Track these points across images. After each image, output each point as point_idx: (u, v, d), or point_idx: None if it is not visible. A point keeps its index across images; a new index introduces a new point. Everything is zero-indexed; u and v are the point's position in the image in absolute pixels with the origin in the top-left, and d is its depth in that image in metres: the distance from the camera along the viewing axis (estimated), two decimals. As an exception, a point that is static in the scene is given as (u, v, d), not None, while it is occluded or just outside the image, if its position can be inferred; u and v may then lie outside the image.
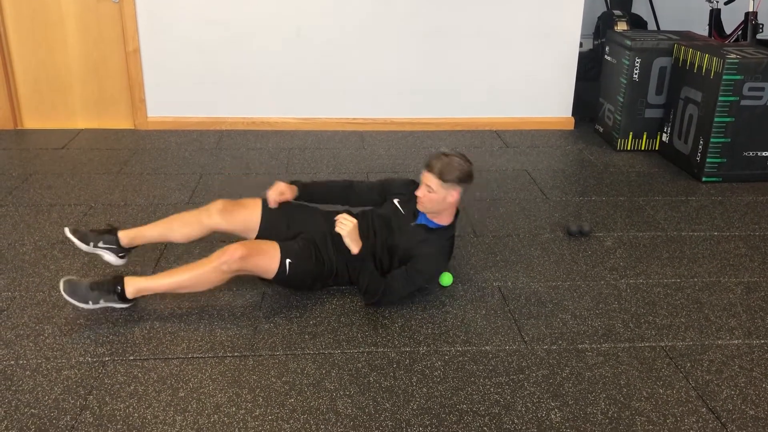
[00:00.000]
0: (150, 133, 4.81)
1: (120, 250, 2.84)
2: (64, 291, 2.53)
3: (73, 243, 2.80)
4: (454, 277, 2.92)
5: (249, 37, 4.75)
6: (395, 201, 2.89)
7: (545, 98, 5.07)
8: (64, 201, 3.65)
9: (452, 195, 2.68)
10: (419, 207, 2.74)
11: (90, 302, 2.57)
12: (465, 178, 2.67)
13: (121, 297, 2.59)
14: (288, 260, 2.63)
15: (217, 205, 2.84)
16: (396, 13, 4.77)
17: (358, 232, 2.69)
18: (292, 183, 2.91)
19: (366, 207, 2.99)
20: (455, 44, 4.86)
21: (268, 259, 2.61)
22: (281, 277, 2.65)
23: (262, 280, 2.79)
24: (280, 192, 2.84)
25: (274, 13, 4.70)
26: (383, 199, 2.97)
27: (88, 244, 2.80)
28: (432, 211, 2.73)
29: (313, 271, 2.71)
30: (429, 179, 2.65)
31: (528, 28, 4.86)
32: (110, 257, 2.82)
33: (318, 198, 2.97)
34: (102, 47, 4.71)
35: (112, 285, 2.57)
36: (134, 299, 2.66)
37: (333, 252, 2.75)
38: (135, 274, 2.88)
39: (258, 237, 2.83)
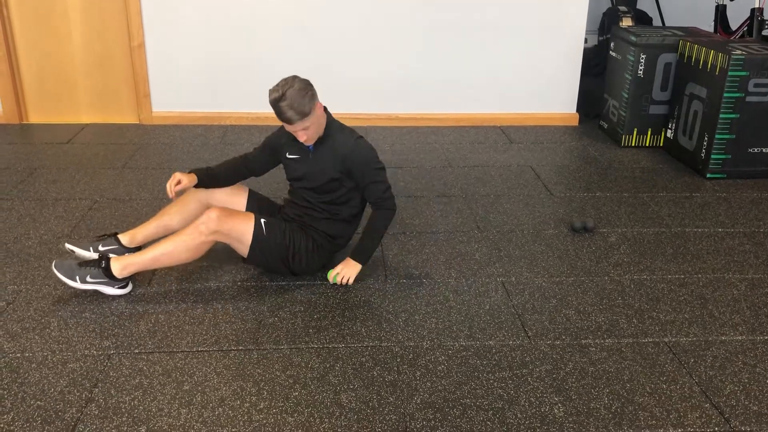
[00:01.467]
0: (155, 128, 4.82)
1: (123, 250, 2.87)
2: (55, 267, 2.65)
3: (73, 252, 2.86)
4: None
5: (253, 32, 4.75)
6: (288, 156, 2.88)
7: (550, 94, 5.07)
8: (69, 195, 3.66)
9: (317, 111, 2.65)
10: (310, 143, 2.74)
11: (77, 279, 2.64)
12: (312, 93, 2.61)
13: (108, 274, 2.63)
14: (263, 220, 2.72)
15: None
16: (400, 8, 4.76)
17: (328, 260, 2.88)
18: (190, 172, 2.89)
19: (269, 171, 3.04)
20: (459, 40, 4.86)
21: (243, 218, 2.69)
22: (259, 238, 2.69)
23: (244, 260, 2.84)
24: (177, 181, 2.81)
25: (278, 8, 4.70)
26: (276, 156, 2.96)
27: (87, 249, 2.86)
28: (319, 135, 2.74)
29: (289, 236, 2.75)
30: (297, 126, 2.62)
31: (533, 23, 4.86)
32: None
33: (222, 180, 2.96)
34: (107, 42, 4.72)
35: (99, 261, 2.66)
36: (125, 282, 2.70)
37: (308, 232, 2.83)
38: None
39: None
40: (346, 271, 2.81)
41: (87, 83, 4.82)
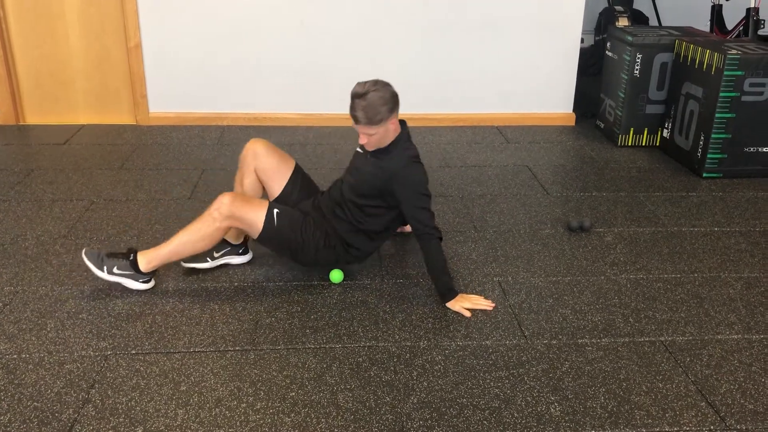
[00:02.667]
0: (152, 129, 4.82)
1: (235, 249, 2.95)
2: (85, 255, 2.69)
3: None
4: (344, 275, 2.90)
5: (251, 32, 4.75)
6: (357, 149, 2.89)
7: (546, 94, 5.07)
8: (66, 196, 3.66)
9: (391, 123, 2.63)
10: (368, 149, 2.71)
11: (105, 269, 2.69)
12: (393, 106, 2.59)
13: (135, 267, 2.69)
14: (276, 210, 2.70)
15: (254, 143, 2.94)
16: (397, 8, 4.77)
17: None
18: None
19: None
20: (456, 40, 4.87)
21: (256, 206, 2.69)
22: (270, 228, 2.68)
23: (255, 240, 2.81)
24: None
25: (275, 8, 4.70)
26: None
27: (205, 260, 2.94)
28: (382, 145, 2.70)
29: (300, 229, 2.74)
30: (363, 130, 2.60)
31: (529, 23, 4.86)
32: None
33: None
34: (104, 43, 4.72)
35: (127, 253, 2.72)
36: (149, 277, 2.74)
37: (323, 225, 2.80)
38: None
39: (281, 193, 2.93)
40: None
41: (84, 84, 4.82)
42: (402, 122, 2.75)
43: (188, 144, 4.53)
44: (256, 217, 2.68)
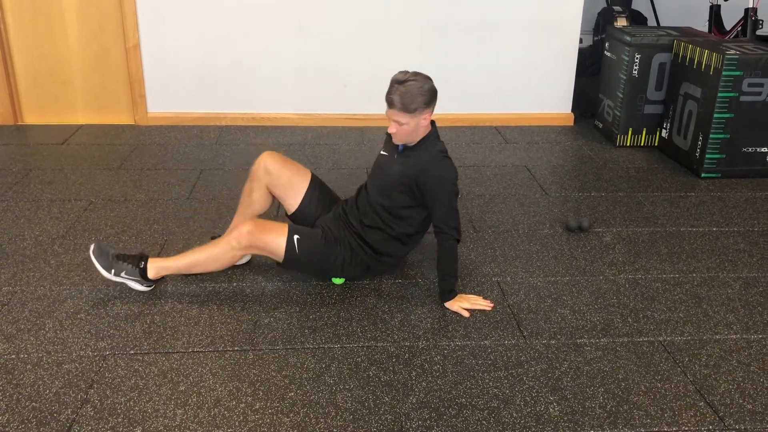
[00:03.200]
0: (150, 129, 4.82)
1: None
2: (93, 252, 2.66)
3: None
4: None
5: (249, 32, 4.75)
6: (380, 153, 2.85)
7: (545, 94, 5.08)
8: (65, 196, 3.66)
9: (424, 118, 2.59)
10: (396, 141, 2.66)
11: (112, 271, 2.66)
12: (430, 99, 2.56)
13: (143, 274, 2.66)
14: (296, 236, 2.65)
15: (266, 159, 2.87)
16: (395, 9, 4.77)
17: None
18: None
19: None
20: (455, 40, 4.87)
21: (276, 235, 2.63)
22: (292, 255, 2.65)
23: (279, 265, 2.79)
24: None
25: (274, 8, 4.70)
26: None
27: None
28: (410, 141, 2.66)
29: (322, 251, 2.70)
30: (395, 115, 2.55)
31: (528, 24, 4.87)
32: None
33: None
34: (102, 43, 4.71)
35: (137, 260, 2.68)
36: (153, 282, 2.72)
37: (348, 239, 2.75)
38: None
39: (299, 207, 2.87)
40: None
41: (82, 84, 4.81)
42: (431, 122, 2.71)
43: (187, 144, 4.53)
44: (276, 246, 2.64)
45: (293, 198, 2.87)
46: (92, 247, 2.68)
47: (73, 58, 4.74)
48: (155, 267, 2.69)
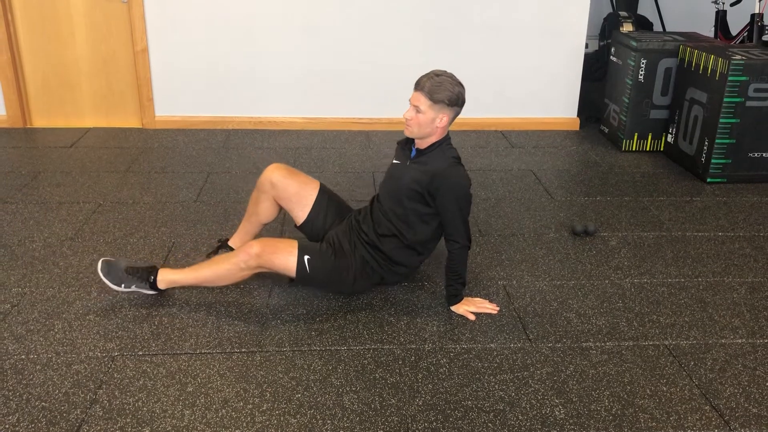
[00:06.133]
0: (158, 132, 4.85)
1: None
2: (101, 270, 2.68)
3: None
4: None
5: (256, 37, 4.78)
6: (392, 162, 2.82)
7: (551, 99, 5.09)
8: (73, 199, 3.68)
9: (441, 118, 2.57)
10: (407, 132, 2.64)
11: (123, 285, 2.69)
12: (455, 101, 2.54)
13: (152, 286, 2.70)
14: (306, 257, 2.62)
15: (272, 172, 2.86)
16: (401, 13, 4.79)
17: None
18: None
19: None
20: (461, 45, 4.89)
21: (286, 256, 2.60)
22: (303, 275, 2.64)
23: (292, 280, 2.76)
24: None
25: (281, 13, 4.73)
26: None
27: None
28: (420, 135, 2.61)
29: (333, 268, 2.67)
30: (418, 99, 2.54)
31: (534, 28, 4.88)
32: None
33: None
34: (110, 47, 4.75)
35: (147, 273, 2.70)
36: (162, 290, 2.74)
37: (360, 251, 2.73)
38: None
39: (307, 219, 2.85)
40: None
41: (90, 87, 4.85)
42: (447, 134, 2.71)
43: (194, 147, 4.56)
44: (286, 266, 2.62)
45: (301, 210, 2.86)
46: (100, 265, 2.68)
47: (81, 61, 4.77)
48: (165, 281, 2.70)
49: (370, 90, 4.96)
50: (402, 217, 2.69)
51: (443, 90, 2.52)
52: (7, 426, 2.06)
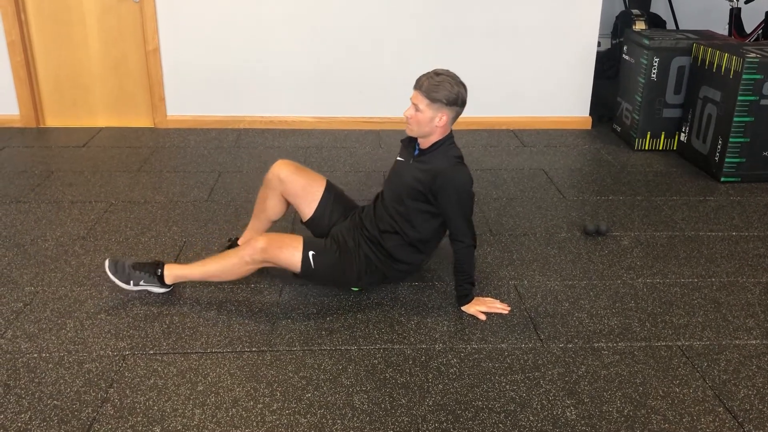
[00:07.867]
0: (169, 132, 4.86)
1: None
2: (108, 269, 2.70)
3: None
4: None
5: (267, 36, 4.78)
6: (396, 159, 2.84)
7: (563, 97, 5.06)
8: (85, 198, 3.70)
9: (440, 118, 2.58)
10: (407, 131, 2.66)
11: (131, 283, 2.71)
12: (454, 100, 2.56)
13: (161, 280, 2.71)
14: (311, 252, 2.64)
15: (279, 167, 2.87)
16: (412, 13, 4.78)
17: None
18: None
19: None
20: (472, 43, 4.87)
21: (291, 251, 2.62)
22: (308, 270, 2.66)
23: (296, 276, 2.78)
24: None
25: (292, 13, 4.73)
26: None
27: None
28: (420, 134, 2.63)
29: (338, 264, 2.69)
30: (416, 97, 2.56)
31: (546, 27, 4.86)
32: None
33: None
34: (122, 46, 4.77)
35: (154, 268, 2.71)
36: (171, 286, 2.76)
37: (363, 248, 2.74)
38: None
39: (314, 215, 2.86)
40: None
41: (103, 87, 4.87)
42: (450, 131, 2.71)
43: (205, 147, 4.57)
44: (291, 261, 2.64)
45: (308, 206, 2.87)
46: (107, 263, 2.71)
47: (93, 62, 4.80)
48: (172, 275, 2.72)
49: (382, 89, 4.95)
50: (404, 214, 2.70)
51: (441, 89, 2.54)
52: (19, 424, 2.07)
